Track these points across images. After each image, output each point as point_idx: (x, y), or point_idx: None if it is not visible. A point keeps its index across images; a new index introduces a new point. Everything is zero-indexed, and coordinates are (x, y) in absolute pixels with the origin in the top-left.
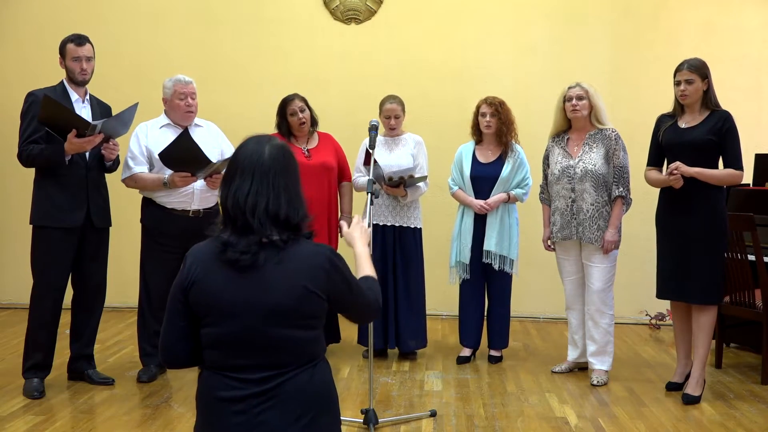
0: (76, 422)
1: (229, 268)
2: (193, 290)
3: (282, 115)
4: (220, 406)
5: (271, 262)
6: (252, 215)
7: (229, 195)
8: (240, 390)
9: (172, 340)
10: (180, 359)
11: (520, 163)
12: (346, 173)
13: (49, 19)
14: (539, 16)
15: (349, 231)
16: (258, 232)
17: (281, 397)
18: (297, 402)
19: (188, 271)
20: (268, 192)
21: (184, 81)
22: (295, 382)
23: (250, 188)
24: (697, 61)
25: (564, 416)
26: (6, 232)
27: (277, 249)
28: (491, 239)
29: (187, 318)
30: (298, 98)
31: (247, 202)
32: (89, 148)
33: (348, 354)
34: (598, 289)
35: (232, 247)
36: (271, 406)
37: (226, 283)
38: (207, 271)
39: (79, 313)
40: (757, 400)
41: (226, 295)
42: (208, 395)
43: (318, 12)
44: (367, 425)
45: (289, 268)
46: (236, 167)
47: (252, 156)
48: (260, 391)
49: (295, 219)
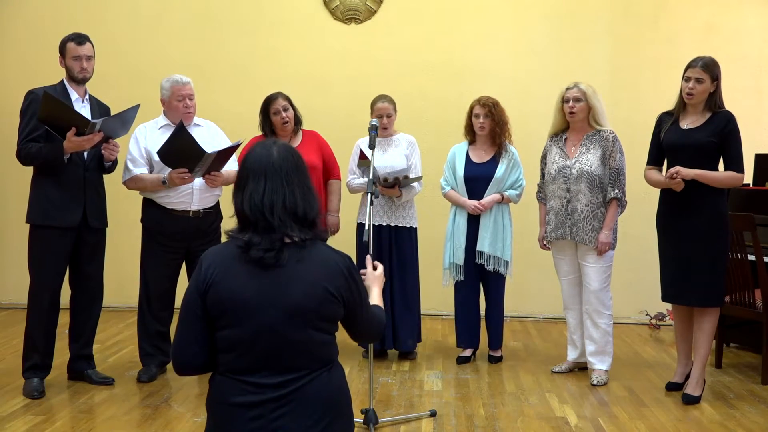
0: (76, 422)
1: (251, 267)
2: (211, 292)
3: (265, 114)
4: (234, 412)
5: (293, 261)
6: (271, 214)
7: (244, 200)
8: (255, 395)
9: (187, 346)
10: (194, 365)
11: (514, 163)
12: (333, 171)
13: (49, 19)
14: (539, 16)
15: (372, 276)
16: (279, 229)
17: (298, 402)
18: (313, 406)
19: (205, 274)
20: (283, 190)
21: (181, 82)
22: (312, 387)
23: (265, 189)
24: (711, 60)
25: (564, 416)
26: (6, 232)
27: (299, 248)
28: (485, 240)
29: (204, 323)
30: (281, 97)
31: (264, 202)
32: (88, 147)
33: (348, 354)
34: (594, 289)
35: (255, 245)
36: (288, 411)
37: (247, 282)
38: (226, 273)
39: (78, 313)
40: (757, 400)
41: (246, 294)
42: (221, 401)
43: (318, 12)
44: (367, 425)
45: (310, 269)
46: (247, 173)
47: (261, 159)
48: (276, 396)
49: (312, 214)
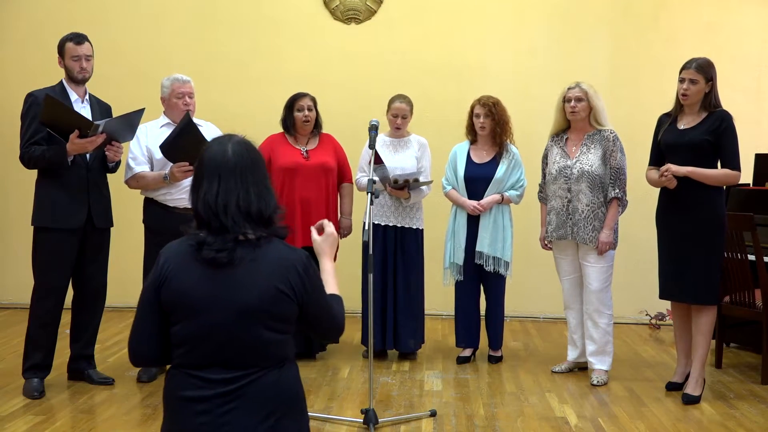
0: (76, 422)
1: (204, 266)
2: (165, 287)
3: (290, 108)
4: (184, 406)
5: (246, 260)
6: (225, 215)
7: (199, 200)
8: (205, 390)
9: (142, 338)
10: (148, 357)
11: (515, 164)
12: (346, 174)
13: (49, 19)
14: (539, 16)
15: (319, 242)
16: (233, 230)
17: (246, 398)
18: (262, 403)
19: (161, 269)
20: (237, 189)
21: (181, 80)
22: (261, 384)
23: (219, 188)
24: (705, 62)
25: (564, 416)
26: (6, 233)
27: (253, 247)
28: (484, 240)
29: (158, 316)
30: (309, 97)
31: (218, 202)
32: (91, 148)
33: (348, 354)
34: (595, 289)
35: (207, 245)
36: (236, 407)
37: (199, 280)
38: (180, 269)
39: (80, 313)
40: (757, 400)
41: (197, 292)
42: (173, 394)
43: (318, 12)
44: (367, 425)
45: (262, 268)
46: (202, 171)
47: (216, 157)
48: (225, 392)
49: (267, 212)
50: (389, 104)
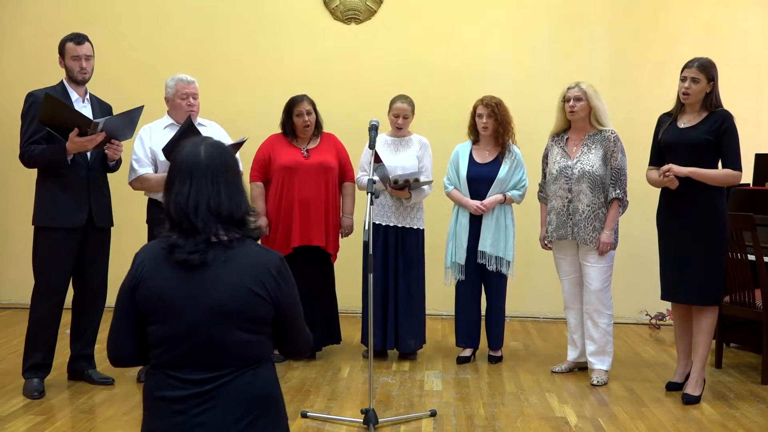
0: (76, 422)
1: (178, 267)
2: (140, 288)
3: (288, 114)
4: (160, 405)
5: (219, 261)
6: (195, 216)
7: (170, 201)
8: (181, 390)
9: (119, 339)
10: (126, 357)
11: (518, 164)
12: (348, 174)
13: (49, 19)
14: (539, 15)
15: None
16: (204, 231)
17: (221, 398)
18: (237, 403)
19: (136, 270)
20: (208, 190)
21: (186, 81)
22: (235, 384)
23: (190, 190)
24: (707, 61)
25: (564, 416)
26: (6, 232)
27: (226, 248)
28: (486, 240)
29: (135, 317)
30: (306, 100)
31: (189, 204)
32: (91, 147)
33: (348, 354)
34: (596, 289)
35: (179, 248)
36: (211, 407)
37: (173, 281)
38: (154, 270)
39: (80, 313)
40: (757, 400)
41: (172, 293)
42: (151, 394)
43: (318, 12)
44: (367, 425)
45: (235, 269)
46: (174, 173)
47: (188, 158)
48: (201, 392)
49: (239, 213)
50: (391, 104)
